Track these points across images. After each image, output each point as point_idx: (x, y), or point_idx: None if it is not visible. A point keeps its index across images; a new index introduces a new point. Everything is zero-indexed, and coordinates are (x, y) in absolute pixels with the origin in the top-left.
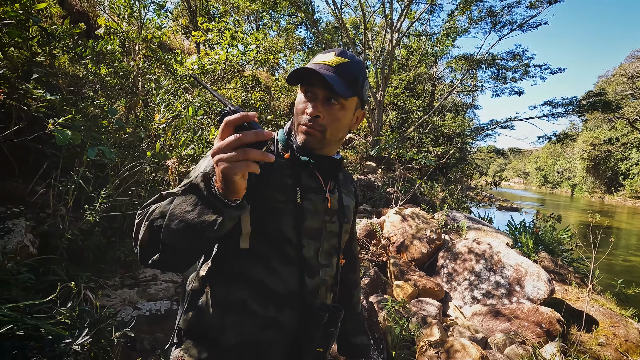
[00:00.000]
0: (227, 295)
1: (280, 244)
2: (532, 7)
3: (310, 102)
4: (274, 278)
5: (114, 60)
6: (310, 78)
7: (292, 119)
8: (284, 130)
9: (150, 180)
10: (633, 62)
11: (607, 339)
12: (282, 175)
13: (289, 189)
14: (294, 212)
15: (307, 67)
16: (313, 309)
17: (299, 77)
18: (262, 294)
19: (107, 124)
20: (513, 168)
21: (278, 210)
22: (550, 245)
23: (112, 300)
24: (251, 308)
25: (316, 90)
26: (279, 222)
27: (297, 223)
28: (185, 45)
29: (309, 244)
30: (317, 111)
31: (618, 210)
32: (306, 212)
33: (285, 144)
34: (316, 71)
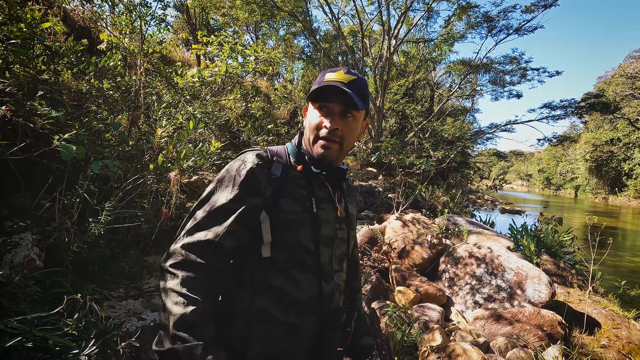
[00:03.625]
0: (251, 305)
1: (299, 253)
2: (527, 11)
3: (327, 117)
4: (294, 285)
5: (116, 75)
6: (330, 94)
7: (302, 134)
8: (293, 144)
9: (153, 191)
10: (632, 62)
11: (609, 341)
12: (297, 187)
13: (304, 199)
14: (310, 221)
15: (334, 84)
16: (332, 312)
17: (323, 94)
18: (283, 302)
19: (110, 137)
20: (515, 171)
21: (296, 220)
22: (553, 248)
23: (117, 311)
24: (274, 316)
25: (332, 105)
26: (298, 232)
27: (314, 232)
28: (186, 57)
29: (323, 251)
30: (336, 124)
31: (623, 211)
32: (321, 221)
33: (296, 157)
34: (341, 88)
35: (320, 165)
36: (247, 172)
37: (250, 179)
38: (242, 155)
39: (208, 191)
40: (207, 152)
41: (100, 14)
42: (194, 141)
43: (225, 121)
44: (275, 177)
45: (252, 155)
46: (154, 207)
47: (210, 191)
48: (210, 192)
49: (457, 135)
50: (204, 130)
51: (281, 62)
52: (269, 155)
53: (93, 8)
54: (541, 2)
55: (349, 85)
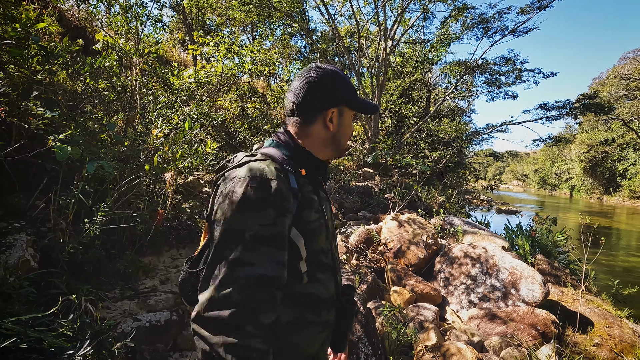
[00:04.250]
0: (292, 317)
1: (320, 256)
2: (522, 13)
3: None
4: (320, 287)
5: (112, 75)
6: (368, 108)
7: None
8: (285, 143)
9: (149, 192)
10: (626, 63)
11: (602, 340)
12: (309, 193)
13: (317, 205)
14: (325, 226)
15: (371, 102)
16: (346, 303)
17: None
18: (315, 305)
19: (106, 138)
20: (511, 171)
21: (316, 228)
22: (547, 248)
23: (112, 312)
24: (310, 320)
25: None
26: (318, 238)
27: (328, 234)
28: (183, 57)
29: (333, 248)
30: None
31: (617, 211)
32: (329, 222)
33: (296, 160)
34: (376, 107)
35: (323, 167)
36: (276, 189)
37: (279, 197)
38: (254, 168)
39: (230, 221)
40: (202, 152)
41: (95, 14)
42: (189, 142)
43: (221, 122)
44: (295, 189)
45: (270, 168)
46: (149, 208)
47: (235, 220)
48: (236, 221)
49: (453, 135)
50: (200, 131)
51: (278, 63)
52: (281, 165)
53: (88, 8)
54: (536, 3)
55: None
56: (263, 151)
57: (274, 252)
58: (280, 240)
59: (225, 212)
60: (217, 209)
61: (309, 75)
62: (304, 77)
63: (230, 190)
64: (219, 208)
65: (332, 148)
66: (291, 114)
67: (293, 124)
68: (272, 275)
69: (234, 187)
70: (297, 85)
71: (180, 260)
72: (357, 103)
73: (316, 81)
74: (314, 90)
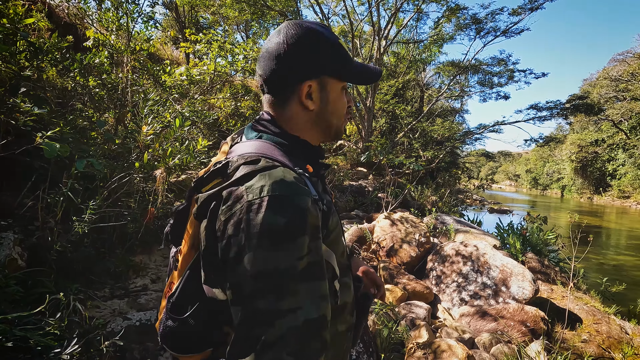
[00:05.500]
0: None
1: (342, 260)
2: (514, 14)
3: (348, 100)
4: (348, 292)
5: (102, 72)
6: (370, 75)
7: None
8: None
9: (140, 190)
10: (616, 65)
11: (590, 336)
12: (324, 195)
13: (331, 204)
14: (340, 225)
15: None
16: (364, 300)
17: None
18: (345, 313)
19: (96, 135)
20: (504, 171)
21: (338, 234)
22: (538, 246)
23: (101, 311)
24: (341, 330)
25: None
26: (340, 243)
27: (343, 233)
28: (175, 55)
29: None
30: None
31: (607, 210)
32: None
33: (296, 154)
34: (377, 71)
35: (322, 156)
36: (305, 208)
37: (310, 216)
38: (269, 183)
39: (256, 261)
40: (194, 150)
41: (86, 11)
42: (180, 139)
43: (214, 120)
44: (316, 197)
45: (288, 178)
46: (140, 206)
47: (262, 259)
48: (263, 261)
49: (446, 135)
50: (192, 129)
51: None
52: (295, 170)
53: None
54: (528, 5)
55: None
56: (258, 151)
57: (315, 286)
58: (319, 270)
59: (244, 250)
60: (226, 244)
61: (278, 39)
62: (273, 42)
63: (244, 219)
64: (230, 244)
65: (319, 131)
66: (263, 91)
67: (267, 104)
68: (318, 315)
69: (249, 213)
70: (264, 52)
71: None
72: (345, 71)
73: (287, 46)
74: (284, 58)
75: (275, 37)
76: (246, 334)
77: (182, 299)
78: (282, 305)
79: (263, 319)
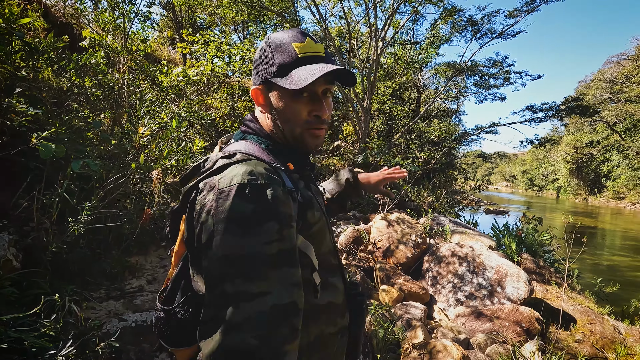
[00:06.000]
0: (313, 337)
1: (327, 259)
2: (510, 16)
3: (315, 103)
4: (335, 292)
5: (99, 72)
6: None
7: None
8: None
9: (136, 191)
10: (610, 67)
11: (584, 336)
12: (305, 190)
13: (315, 201)
14: (326, 222)
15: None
16: (358, 299)
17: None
18: (332, 314)
19: (92, 136)
20: (500, 172)
21: (321, 229)
22: (533, 247)
23: (97, 312)
24: (328, 333)
25: (317, 87)
26: (325, 239)
27: (330, 231)
28: (172, 56)
29: (335, 244)
30: (326, 111)
31: (602, 211)
32: (328, 217)
33: (278, 153)
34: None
35: (303, 155)
36: (273, 195)
37: (279, 203)
38: (239, 173)
39: (224, 245)
40: (190, 151)
41: (82, 10)
42: (177, 140)
43: (211, 121)
44: (292, 189)
45: (258, 169)
46: (136, 207)
47: (230, 243)
48: (231, 245)
49: (442, 136)
50: (189, 130)
51: None
52: (268, 163)
53: (75, 4)
54: (524, 7)
55: (329, 58)
56: (239, 148)
57: (286, 272)
58: (290, 257)
59: (213, 234)
60: (199, 231)
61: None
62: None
63: (214, 205)
64: (202, 230)
65: (286, 137)
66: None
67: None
68: (288, 302)
69: (218, 200)
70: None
71: (167, 260)
72: (283, 78)
73: (256, 55)
74: (254, 65)
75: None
76: (214, 315)
77: (173, 291)
78: (250, 289)
79: (230, 301)
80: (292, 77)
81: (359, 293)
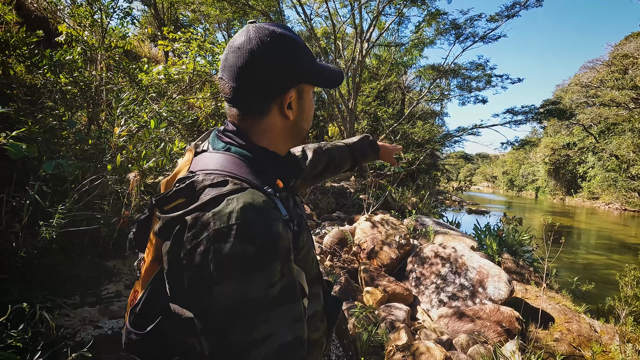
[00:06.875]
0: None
1: (311, 272)
2: (492, 20)
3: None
4: (317, 302)
5: (75, 69)
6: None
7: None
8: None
9: (114, 193)
10: (586, 72)
11: (561, 335)
12: (295, 210)
13: (303, 221)
14: (311, 237)
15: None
16: (334, 305)
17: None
18: (315, 320)
19: (68, 135)
20: (482, 173)
21: (309, 248)
22: (513, 247)
23: (70, 320)
24: (314, 339)
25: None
26: (309, 256)
27: (312, 243)
28: (154, 53)
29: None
30: None
31: (578, 211)
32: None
33: (264, 168)
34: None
35: (291, 165)
36: (277, 234)
37: (282, 241)
38: (237, 209)
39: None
40: (170, 152)
41: (57, 4)
42: (157, 141)
43: (193, 120)
44: (287, 218)
45: (258, 202)
46: (114, 209)
47: (232, 291)
48: (233, 293)
49: (426, 138)
50: (170, 129)
51: None
52: (264, 190)
53: None
54: (505, 12)
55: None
56: (226, 169)
57: (288, 310)
58: (292, 292)
59: (212, 282)
60: (192, 274)
61: (250, 46)
62: (244, 50)
63: (211, 249)
64: (196, 274)
65: (291, 139)
66: (232, 103)
67: (237, 116)
68: (292, 338)
69: (215, 242)
70: (234, 60)
71: None
72: (319, 75)
73: (263, 54)
74: (262, 67)
75: (246, 44)
76: None
77: (145, 311)
78: (256, 335)
79: (238, 351)
80: (328, 76)
81: (334, 303)
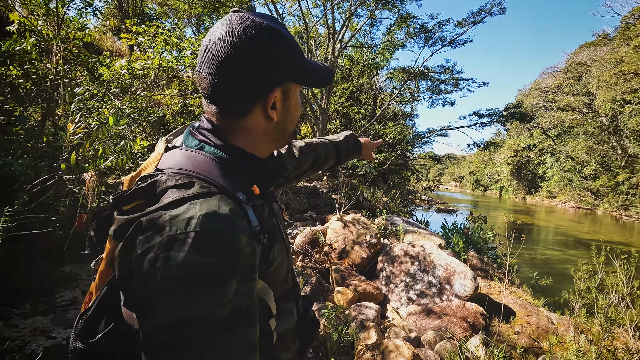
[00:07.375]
0: None
1: (282, 286)
2: (459, 26)
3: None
4: (289, 318)
5: (27, 60)
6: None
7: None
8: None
9: (70, 193)
10: (545, 78)
11: (522, 328)
12: (270, 219)
13: (277, 230)
14: (286, 252)
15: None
16: (309, 326)
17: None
18: (285, 340)
19: (21, 132)
20: (450, 173)
21: (281, 261)
22: (478, 244)
23: (19, 331)
24: (284, 359)
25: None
26: (281, 270)
27: (289, 261)
28: (117, 47)
29: (291, 269)
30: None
31: (537, 209)
32: (286, 236)
33: (240, 172)
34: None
35: (272, 168)
36: (237, 248)
37: (243, 257)
38: (197, 215)
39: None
40: (131, 151)
41: None
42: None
43: (159, 118)
44: (257, 229)
45: (223, 210)
46: (71, 211)
47: (178, 306)
48: (179, 309)
49: (397, 138)
50: (134, 127)
51: None
52: (234, 197)
53: None
54: (471, 18)
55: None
56: (196, 169)
57: (240, 335)
58: (246, 316)
59: (158, 294)
60: (139, 282)
61: (232, 39)
62: (225, 42)
63: (162, 257)
64: (143, 283)
65: (275, 141)
66: (209, 99)
67: (214, 113)
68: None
69: (168, 249)
70: (213, 53)
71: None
72: (308, 74)
73: (246, 47)
74: (244, 63)
75: (228, 35)
76: None
77: (96, 318)
78: (198, 359)
79: None
80: (318, 75)
81: (311, 321)
